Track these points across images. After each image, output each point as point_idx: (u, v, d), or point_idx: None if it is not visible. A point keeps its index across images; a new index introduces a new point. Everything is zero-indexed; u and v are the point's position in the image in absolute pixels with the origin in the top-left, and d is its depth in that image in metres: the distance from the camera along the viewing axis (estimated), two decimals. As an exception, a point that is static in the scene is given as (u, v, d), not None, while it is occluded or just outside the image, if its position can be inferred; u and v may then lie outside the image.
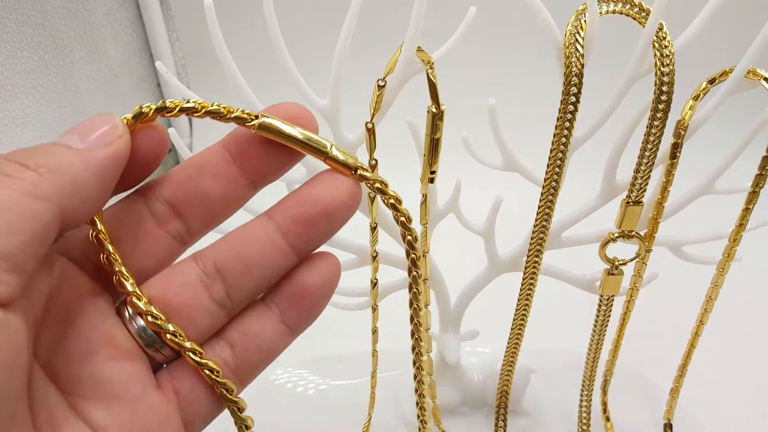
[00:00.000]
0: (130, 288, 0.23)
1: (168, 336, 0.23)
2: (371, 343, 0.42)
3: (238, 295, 0.24)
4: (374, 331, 0.41)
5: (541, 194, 0.34)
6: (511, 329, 0.41)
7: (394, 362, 0.47)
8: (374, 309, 0.40)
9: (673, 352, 0.44)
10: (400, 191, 0.32)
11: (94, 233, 0.23)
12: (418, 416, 0.37)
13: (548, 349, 0.50)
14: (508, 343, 0.42)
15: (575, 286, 0.40)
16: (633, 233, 0.35)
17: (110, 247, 0.23)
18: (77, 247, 0.23)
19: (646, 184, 0.33)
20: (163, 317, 0.23)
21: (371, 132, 0.30)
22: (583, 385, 0.44)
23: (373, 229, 0.36)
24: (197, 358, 0.23)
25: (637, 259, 0.37)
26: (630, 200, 0.34)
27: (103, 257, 0.23)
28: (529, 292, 0.38)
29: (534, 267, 0.37)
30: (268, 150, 0.24)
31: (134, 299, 0.23)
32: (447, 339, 0.42)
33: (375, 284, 0.39)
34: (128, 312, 0.23)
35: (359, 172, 0.24)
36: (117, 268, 0.23)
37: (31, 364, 0.20)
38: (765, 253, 0.56)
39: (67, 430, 0.21)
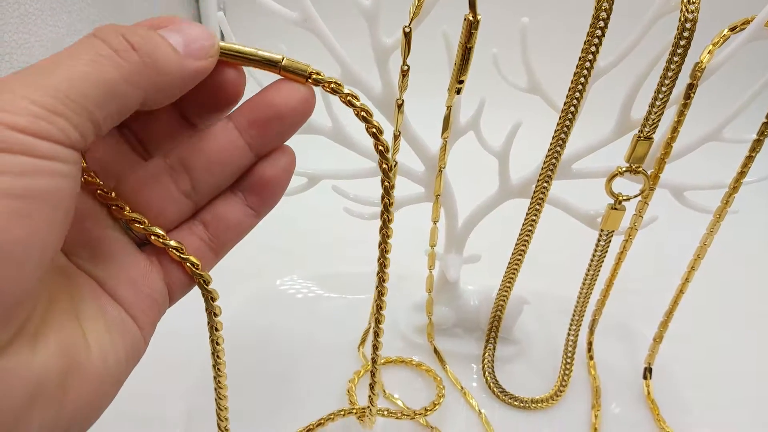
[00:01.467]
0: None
1: (135, 225, 0.26)
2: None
3: (202, 187, 0.27)
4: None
5: (559, 119, 0.36)
6: (512, 255, 0.43)
7: (395, 283, 0.49)
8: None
9: (660, 309, 0.47)
10: (425, 102, 0.34)
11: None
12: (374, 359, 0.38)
13: (543, 291, 0.52)
14: (506, 268, 0.45)
15: (578, 219, 0.42)
16: (640, 168, 0.37)
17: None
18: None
19: (659, 119, 0.35)
20: (127, 207, 0.26)
21: (408, 37, 0.32)
22: (572, 320, 0.47)
23: (396, 137, 0.38)
24: (163, 240, 0.26)
25: (640, 197, 0.40)
26: (641, 135, 0.36)
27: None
28: (533, 218, 0.41)
29: (542, 194, 0.39)
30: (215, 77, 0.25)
31: (103, 191, 0.25)
32: (450, 258, 0.45)
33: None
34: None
35: (313, 77, 0.25)
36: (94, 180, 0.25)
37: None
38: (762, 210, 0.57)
39: (66, 279, 0.24)
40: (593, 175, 0.40)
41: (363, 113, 0.26)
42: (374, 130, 0.27)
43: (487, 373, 0.47)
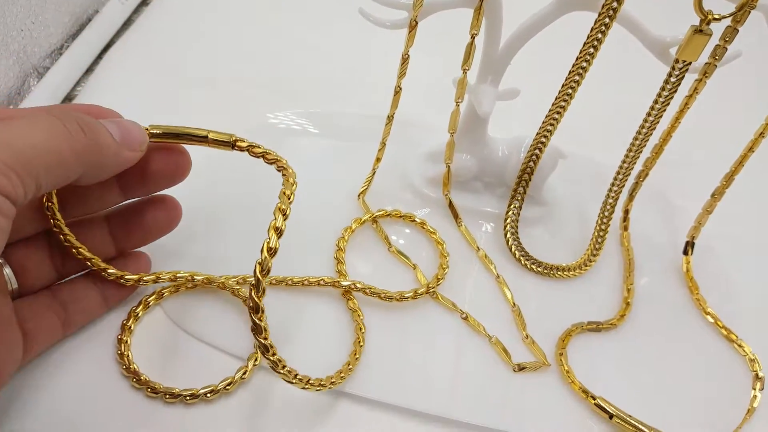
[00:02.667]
0: None
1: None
2: (397, 76, 0.36)
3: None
4: (404, 59, 0.35)
5: None
6: (562, 85, 0.36)
7: (407, 131, 0.42)
8: (412, 27, 0.34)
9: (703, 186, 0.40)
10: None
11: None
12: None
13: (576, 156, 0.45)
14: (551, 107, 0.37)
15: (648, 47, 0.34)
16: (746, -25, 0.30)
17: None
18: None
19: None
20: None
21: None
22: (614, 180, 0.40)
23: None
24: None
25: (731, 20, 0.32)
26: None
27: None
28: (599, 35, 0.33)
29: (613, 6, 0.32)
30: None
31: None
32: (483, 89, 0.37)
33: (424, -10, 0.33)
34: None
35: (237, 144, 0.30)
36: None
37: None
38: None
39: None
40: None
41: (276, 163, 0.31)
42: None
43: (509, 233, 0.40)
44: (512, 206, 0.41)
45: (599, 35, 0.33)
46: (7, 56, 0.43)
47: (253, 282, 0.26)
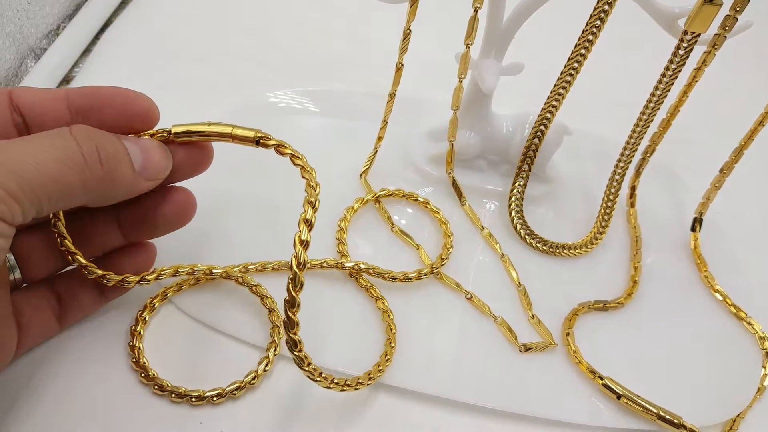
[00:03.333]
0: None
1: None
2: (398, 52, 0.35)
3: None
4: (406, 34, 0.35)
5: None
6: (568, 60, 0.35)
7: (408, 108, 0.41)
8: (414, 1, 0.33)
9: (711, 162, 0.39)
10: None
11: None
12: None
13: (581, 132, 0.44)
14: (556, 81, 0.36)
15: (656, 19, 0.33)
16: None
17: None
18: None
19: None
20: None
21: None
22: (621, 156, 0.39)
23: None
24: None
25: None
26: None
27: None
28: (606, 7, 0.32)
29: (621, -25, 0.31)
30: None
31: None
32: (487, 63, 0.36)
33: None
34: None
35: (261, 141, 0.28)
36: None
37: None
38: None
39: None
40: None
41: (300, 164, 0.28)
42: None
43: (513, 212, 0.40)
44: (517, 184, 0.40)
45: (606, 7, 0.32)
46: (3, 37, 0.42)
47: (290, 276, 0.25)
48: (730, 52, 0.36)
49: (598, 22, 0.33)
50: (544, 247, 0.39)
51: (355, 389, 0.30)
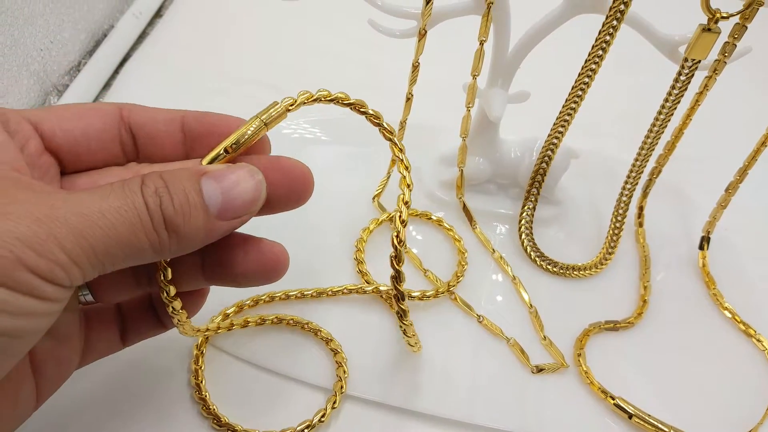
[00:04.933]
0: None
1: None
2: (407, 83, 0.36)
3: None
4: (415, 67, 0.36)
5: None
6: (572, 88, 0.36)
7: (419, 135, 0.42)
8: (421, 36, 0.34)
9: (718, 178, 0.40)
10: None
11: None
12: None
13: (589, 152, 0.45)
14: (561, 108, 0.37)
15: (657, 47, 0.34)
16: (753, -28, 0.30)
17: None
18: None
19: None
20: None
21: None
22: (627, 178, 0.40)
23: None
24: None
25: (739, 17, 0.32)
26: None
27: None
28: (608, 38, 0.33)
29: (624, 3, 0.32)
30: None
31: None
32: (494, 93, 0.37)
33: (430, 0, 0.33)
34: None
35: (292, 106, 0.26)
36: None
37: None
38: None
39: None
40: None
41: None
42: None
43: (524, 234, 0.41)
44: (526, 207, 0.41)
45: (607, 37, 0.33)
46: (28, 76, 0.44)
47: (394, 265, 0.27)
48: (734, 72, 0.37)
49: (600, 52, 0.34)
50: (555, 269, 0.40)
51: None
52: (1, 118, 0.24)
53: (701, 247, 0.42)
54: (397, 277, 0.27)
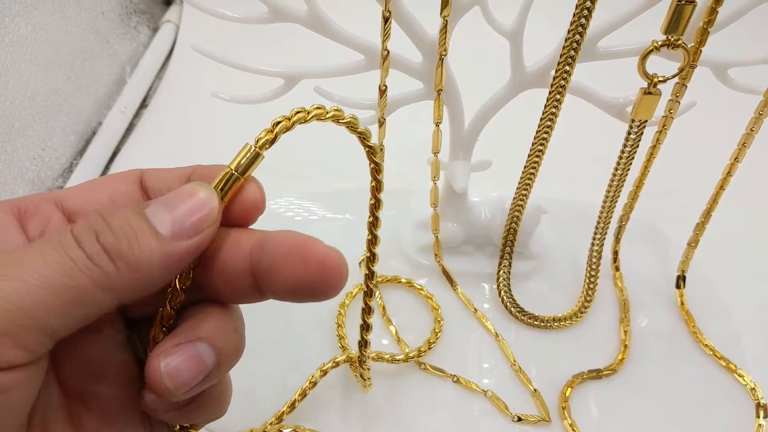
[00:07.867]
0: None
1: None
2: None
3: None
4: (381, 149, 0.38)
5: (583, -17, 0.30)
6: (528, 156, 0.38)
7: (395, 201, 0.44)
8: (381, 123, 0.37)
9: (691, 211, 0.42)
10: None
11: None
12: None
13: (561, 198, 0.47)
14: (522, 172, 0.39)
15: (604, 109, 0.36)
16: (679, 42, 0.31)
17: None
18: None
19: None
20: None
21: None
22: (596, 228, 0.42)
23: (387, 19, 0.32)
24: None
25: (678, 77, 0.34)
26: (682, -2, 0.30)
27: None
28: (553, 111, 0.35)
29: (563, 79, 0.33)
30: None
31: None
32: (457, 166, 0.39)
33: (384, 91, 0.35)
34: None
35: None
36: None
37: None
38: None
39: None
40: (623, 54, 0.34)
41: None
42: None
43: (502, 292, 0.42)
44: (502, 265, 0.43)
45: (553, 110, 0.35)
46: (23, 185, 0.47)
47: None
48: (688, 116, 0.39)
49: (549, 123, 0.35)
50: (536, 323, 0.42)
51: None
52: (12, 209, 0.23)
53: (678, 286, 0.43)
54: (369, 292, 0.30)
